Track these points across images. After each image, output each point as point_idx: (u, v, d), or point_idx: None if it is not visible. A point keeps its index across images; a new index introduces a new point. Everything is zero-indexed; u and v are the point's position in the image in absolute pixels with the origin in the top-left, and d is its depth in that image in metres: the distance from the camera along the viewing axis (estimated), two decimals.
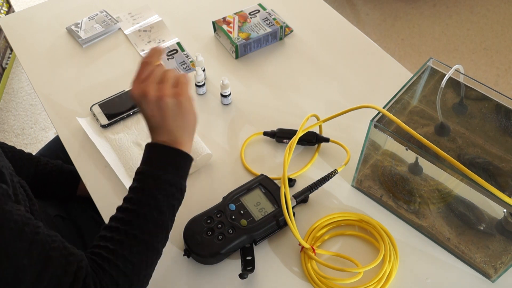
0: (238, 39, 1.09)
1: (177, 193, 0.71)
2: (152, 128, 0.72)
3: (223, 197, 0.84)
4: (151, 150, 0.72)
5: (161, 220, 0.69)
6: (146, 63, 0.72)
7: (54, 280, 0.60)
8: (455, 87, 0.83)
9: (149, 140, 0.73)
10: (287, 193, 0.79)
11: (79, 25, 1.18)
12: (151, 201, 0.68)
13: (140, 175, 0.71)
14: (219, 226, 0.80)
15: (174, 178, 0.70)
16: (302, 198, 0.84)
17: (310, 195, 0.86)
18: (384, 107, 0.77)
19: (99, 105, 1.00)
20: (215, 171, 0.92)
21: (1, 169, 0.67)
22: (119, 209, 0.70)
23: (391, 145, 0.78)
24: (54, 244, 0.62)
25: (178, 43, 1.15)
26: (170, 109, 0.70)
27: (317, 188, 0.85)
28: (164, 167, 0.70)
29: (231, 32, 1.11)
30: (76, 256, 0.63)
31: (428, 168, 0.75)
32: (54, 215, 0.93)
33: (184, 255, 0.79)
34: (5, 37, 2.12)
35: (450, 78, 0.79)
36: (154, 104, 0.69)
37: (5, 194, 0.61)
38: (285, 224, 0.82)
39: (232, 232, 0.79)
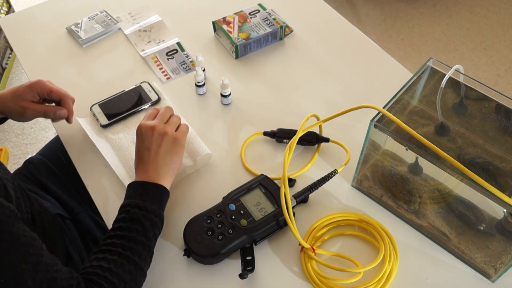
0: (238, 39, 1.09)
1: (160, 224, 0.77)
2: (142, 163, 0.81)
3: (223, 197, 0.84)
4: (135, 186, 0.79)
5: (147, 245, 0.74)
6: (156, 110, 0.87)
7: None
8: (455, 87, 0.83)
9: None
10: (287, 193, 0.79)
11: (79, 25, 1.18)
12: (139, 228, 0.74)
13: (127, 207, 0.76)
14: (219, 226, 0.80)
15: (157, 210, 0.77)
16: (302, 198, 0.84)
17: (310, 195, 0.86)
18: (384, 107, 0.77)
19: (99, 105, 1.00)
20: (215, 171, 0.92)
21: (3, 181, 0.67)
22: (108, 236, 0.74)
23: (391, 145, 0.78)
24: (57, 266, 0.64)
25: (178, 43, 1.15)
26: (166, 146, 0.81)
27: (317, 188, 0.85)
28: (149, 200, 0.77)
29: (231, 32, 1.11)
30: (75, 278, 0.65)
31: (428, 168, 0.75)
32: (54, 214, 0.93)
33: (184, 255, 0.79)
34: (5, 37, 2.12)
35: (450, 78, 0.79)
36: (157, 137, 0.81)
37: (12, 216, 0.62)
38: (285, 224, 0.82)
39: (232, 232, 0.79)
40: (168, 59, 1.12)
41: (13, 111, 0.90)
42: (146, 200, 0.76)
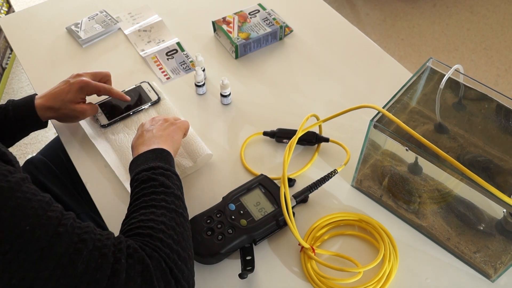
0: (238, 39, 1.09)
1: (174, 176, 0.76)
2: (140, 140, 0.81)
3: (223, 197, 0.84)
4: (135, 161, 0.77)
5: (172, 194, 0.72)
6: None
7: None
8: (455, 87, 0.83)
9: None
10: (287, 193, 0.79)
11: (79, 25, 1.18)
12: (155, 183, 0.72)
13: (135, 177, 0.74)
14: (219, 226, 0.80)
15: (164, 166, 0.75)
16: (302, 198, 0.84)
17: (310, 195, 0.86)
18: (384, 107, 0.77)
19: (99, 105, 1.00)
20: (215, 171, 0.92)
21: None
22: (134, 204, 0.70)
23: (391, 145, 0.78)
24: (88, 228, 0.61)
25: (178, 43, 1.15)
26: (164, 125, 0.85)
27: (317, 188, 0.85)
28: (151, 161, 0.75)
29: (231, 32, 1.11)
30: (119, 240, 0.62)
31: (428, 168, 0.75)
32: None
33: None
34: (5, 37, 2.12)
35: (450, 78, 0.79)
36: (156, 121, 0.86)
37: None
38: (285, 224, 0.82)
39: (232, 232, 0.79)
40: (168, 59, 1.12)
41: (64, 116, 0.93)
42: (148, 163, 0.75)
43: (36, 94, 0.93)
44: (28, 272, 0.53)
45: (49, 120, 0.95)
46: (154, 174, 0.73)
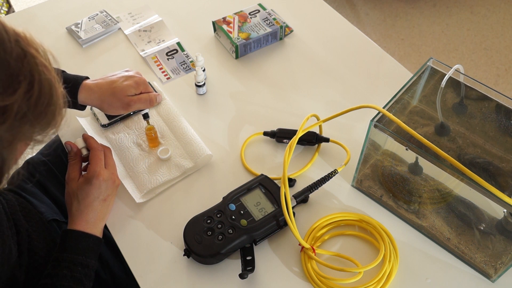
0: (238, 39, 1.09)
1: (93, 275, 0.78)
2: (78, 210, 0.80)
3: (223, 197, 0.84)
4: (76, 237, 0.78)
5: None
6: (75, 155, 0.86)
7: None
8: (455, 87, 0.83)
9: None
10: (287, 193, 0.79)
11: (79, 25, 1.18)
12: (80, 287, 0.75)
13: (69, 264, 0.76)
14: (219, 226, 0.80)
15: (95, 265, 0.78)
16: (302, 198, 0.84)
17: (310, 195, 0.86)
18: (384, 107, 0.77)
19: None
20: (215, 171, 0.92)
21: None
22: None
23: (391, 145, 0.78)
24: None
25: (178, 43, 1.15)
26: (110, 190, 0.82)
27: (317, 188, 0.85)
28: (91, 255, 0.78)
29: (231, 32, 1.11)
30: None
31: (428, 168, 0.75)
32: (49, 220, 0.92)
33: (184, 255, 0.79)
34: None
35: (450, 78, 0.79)
36: (106, 182, 0.82)
37: None
38: (285, 224, 0.82)
39: (232, 232, 0.79)
40: (168, 59, 1.12)
41: (113, 106, 0.90)
42: (88, 256, 0.77)
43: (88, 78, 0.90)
44: None
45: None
46: (85, 276, 0.75)
